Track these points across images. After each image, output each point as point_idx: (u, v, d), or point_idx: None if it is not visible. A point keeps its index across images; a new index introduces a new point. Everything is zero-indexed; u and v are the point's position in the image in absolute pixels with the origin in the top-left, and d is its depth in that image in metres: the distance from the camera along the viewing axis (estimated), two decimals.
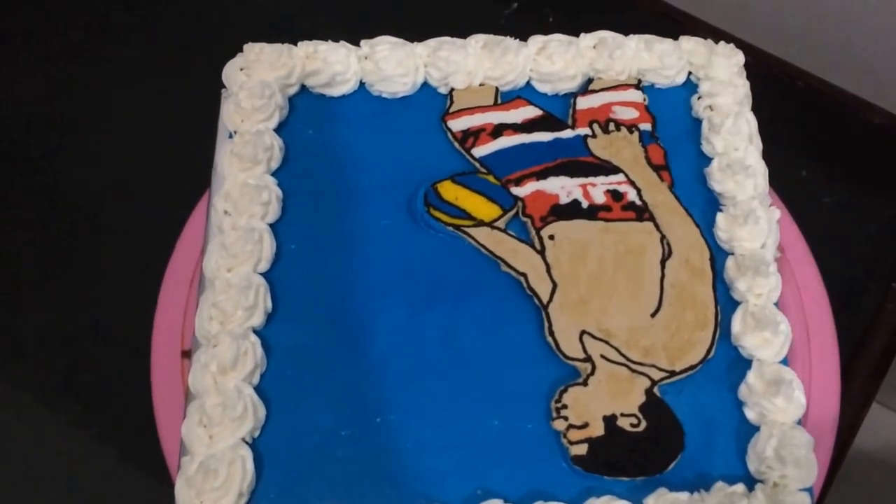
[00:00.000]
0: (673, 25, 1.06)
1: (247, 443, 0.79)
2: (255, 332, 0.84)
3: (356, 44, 0.99)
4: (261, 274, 0.87)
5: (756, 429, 0.82)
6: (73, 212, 1.09)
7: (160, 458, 0.86)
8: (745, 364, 0.85)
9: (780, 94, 1.18)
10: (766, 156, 0.95)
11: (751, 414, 0.83)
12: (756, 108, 0.98)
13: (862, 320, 1.02)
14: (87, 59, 1.20)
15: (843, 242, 0.98)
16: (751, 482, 0.80)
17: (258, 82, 0.95)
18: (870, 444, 0.99)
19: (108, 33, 1.23)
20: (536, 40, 1.00)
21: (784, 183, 0.99)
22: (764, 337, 0.85)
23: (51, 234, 1.08)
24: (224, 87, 0.97)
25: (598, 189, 0.93)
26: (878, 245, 1.05)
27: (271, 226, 0.89)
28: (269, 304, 0.86)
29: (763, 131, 0.96)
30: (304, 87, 0.98)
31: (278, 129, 0.95)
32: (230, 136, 0.94)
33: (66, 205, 1.10)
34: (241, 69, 0.97)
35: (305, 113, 0.97)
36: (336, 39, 0.99)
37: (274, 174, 0.92)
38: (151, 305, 0.93)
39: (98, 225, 1.08)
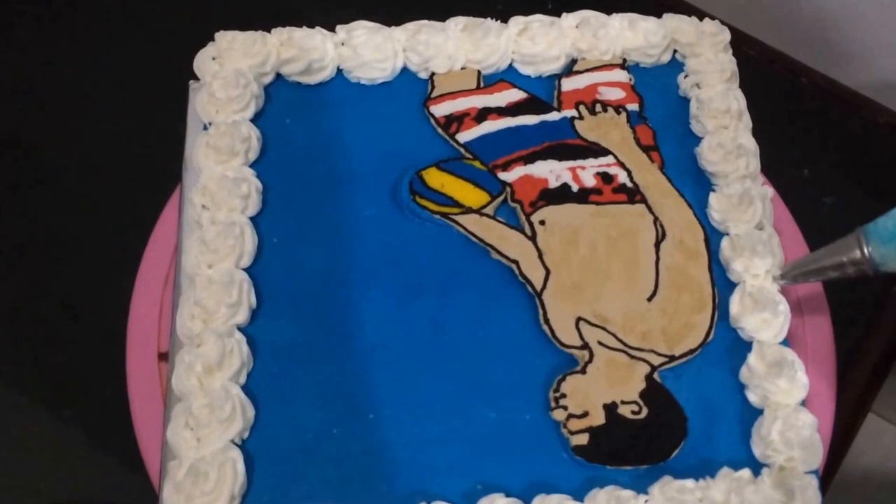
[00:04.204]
0: None
1: (236, 444, 0.77)
2: (240, 329, 0.82)
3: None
4: (243, 269, 0.84)
5: (759, 412, 0.81)
6: (44, 192, 1.07)
7: (134, 441, 0.83)
8: (745, 346, 0.83)
9: (782, 90, 1.17)
10: (767, 154, 0.93)
11: (753, 397, 0.81)
12: (757, 105, 0.95)
13: (861, 325, 1.01)
14: (63, 45, 1.17)
15: None
16: (756, 466, 0.78)
17: (232, 71, 0.92)
18: (865, 454, 0.97)
19: (81, 22, 1.20)
20: (517, 21, 0.98)
21: (785, 182, 0.97)
22: (763, 318, 0.83)
23: (22, 214, 1.05)
24: (191, 79, 0.95)
25: (587, 172, 0.91)
26: None
27: (252, 219, 0.87)
28: (254, 300, 0.83)
29: (764, 128, 0.94)
30: (279, 76, 0.95)
31: (255, 120, 0.92)
32: (205, 128, 0.91)
33: (38, 187, 1.07)
34: (214, 58, 0.94)
35: (282, 102, 0.94)
36: (332, 27, 0.97)
37: (252, 166, 0.90)
38: (125, 286, 0.90)
39: (71, 206, 1.05)
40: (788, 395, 0.80)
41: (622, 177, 0.91)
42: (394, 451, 0.78)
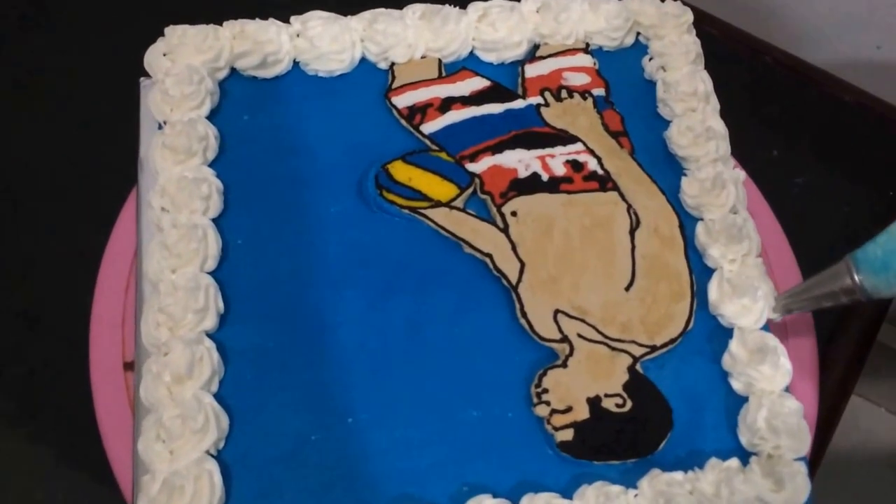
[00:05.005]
0: None
1: (212, 455, 0.75)
2: (209, 335, 0.79)
3: None
4: (208, 273, 0.82)
5: (744, 399, 0.80)
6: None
7: (103, 454, 0.81)
8: (725, 333, 0.83)
9: (746, 69, 1.16)
10: (735, 135, 0.92)
11: (737, 384, 0.81)
12: (722, 86, 0.94)
13: (838, 308, 0.99)
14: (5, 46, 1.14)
15: (817, 224, 0.94)
16: (744, 455, 0.78)
17: (185, 67, 0.89)
18: (848, 436, 0.97)
19: (24, 21, 1.16)
20: (476, 7, 0.96)
21: (755, 164, 0.96)
22: (743, 304, 0.82)
23: None
24: (141, 75, 0.92)
25: (557, 160, 0.89)
26: (852, 226, 1.01)
27: (214, 221, 0.84)
28: (221, 305, 0.80)
29: (730, 109, 0.93)
30: (233, 70, 0.92)
31: (211, 117, 0.89)
32: (159, 127, 0.88)
33: None
34: (165, 54, 0.91)
35: (238, 97, 0.91)
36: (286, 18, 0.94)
37: (211, 165, 0.87)
38: (84, 293, 0.87)
39: (22, 213, 1.03)
40: (772, 381, 0.80)
41: (592, 164, 0.89)
42: (376, 455, 0.76)
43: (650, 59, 0.96)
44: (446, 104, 0.92)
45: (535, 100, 0.93)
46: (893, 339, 0.99)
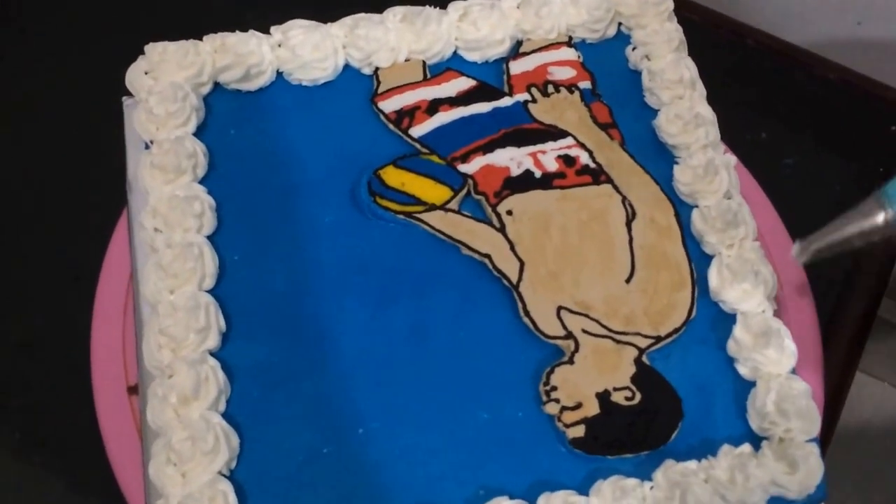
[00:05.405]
0: None
1: (225, 476, 0.74)
2: (213, 354, 0.78)
3: None
4: (207, 291, 0.81)
5: (751, 384, 0.80)
6: None
7: (111, 481, 0.80)
8: (729, 319, 0.82)
9: (729, 53, 1.16)
10: (723, 120, 0.92)
11: (743, 369, 0.80)
12: (706, 71, 0.94)
13: (837, 286, 1.00)
14: None
15: (809, 204, 0.93)
16: (755, 440, 0.78)
17: (168, 85, 0.88)
18: (854, 412, 0.97)
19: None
20: (457, 6, 0.95)
21: (744, 147, 0.96)
22: (744, 289, 0.82)
23: None
24: (124, 96, 0.91)
25: (548, 156, 0.89)
26: (845, 205, 1.01)
27: (209, 238, 0.83)
28: (223, 323, 0.80)
29: (718, 94, 0.93)
30: (217, 85, 0.92)
31: (198, 133, 0.88)
32: (146, 147, 0.87)
33: None
34: (146, 72, 0.90)
35: (223, 112, 0.91)
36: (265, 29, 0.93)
37: (201, 182, 0.86)
38: (82, 319, 0.86)
39: (16, 240, 1.01)
40: (778, 364, 0.79)
41: (584, 158, 0.89)
42: (388, 464, 0.76)
43: (633, 49, 0.95)
44: (434, 106, 0.92)
45: (522, 96, 0.93)
46: (894, 314, 0.99)
